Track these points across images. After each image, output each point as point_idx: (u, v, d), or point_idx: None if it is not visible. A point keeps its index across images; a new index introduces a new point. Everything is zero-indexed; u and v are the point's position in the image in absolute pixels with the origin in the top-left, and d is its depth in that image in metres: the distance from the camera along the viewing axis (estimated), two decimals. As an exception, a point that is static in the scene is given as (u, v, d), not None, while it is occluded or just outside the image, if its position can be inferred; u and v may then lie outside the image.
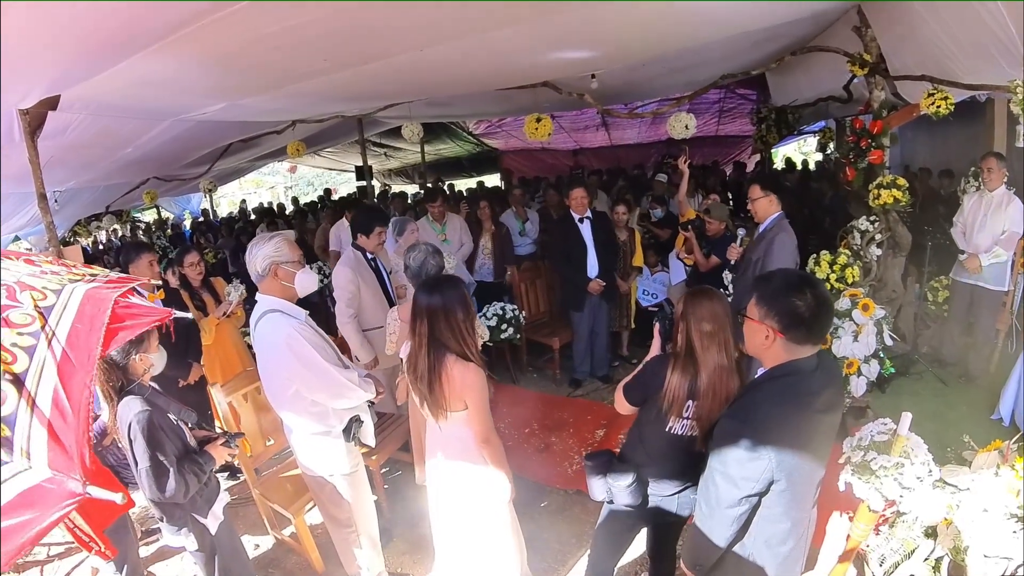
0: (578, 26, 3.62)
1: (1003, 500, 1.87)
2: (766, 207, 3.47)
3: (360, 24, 3.06)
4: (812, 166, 10.69)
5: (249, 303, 3.05)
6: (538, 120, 5.35)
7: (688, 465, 2.04)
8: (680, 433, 2.04)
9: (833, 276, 3.89)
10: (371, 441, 2.81)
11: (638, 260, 5.49)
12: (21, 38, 2.48)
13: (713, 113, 10.24)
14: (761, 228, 3.52)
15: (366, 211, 4.17)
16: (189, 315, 1.74)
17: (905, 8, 3.56)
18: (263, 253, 2.43)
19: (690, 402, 2.00)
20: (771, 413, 1.58)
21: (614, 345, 5.60)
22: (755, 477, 1.55)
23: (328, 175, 21.96)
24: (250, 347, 3.47)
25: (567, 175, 12.07)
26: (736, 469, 1.56)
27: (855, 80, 4.56)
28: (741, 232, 3.83)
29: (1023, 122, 2.89)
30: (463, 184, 13.93)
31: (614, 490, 2.13)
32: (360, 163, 8.74)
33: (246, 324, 4.26)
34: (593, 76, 5.11)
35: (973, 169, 4.58)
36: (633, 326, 5.69)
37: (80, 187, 6.84)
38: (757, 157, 9.90)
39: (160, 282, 3.84)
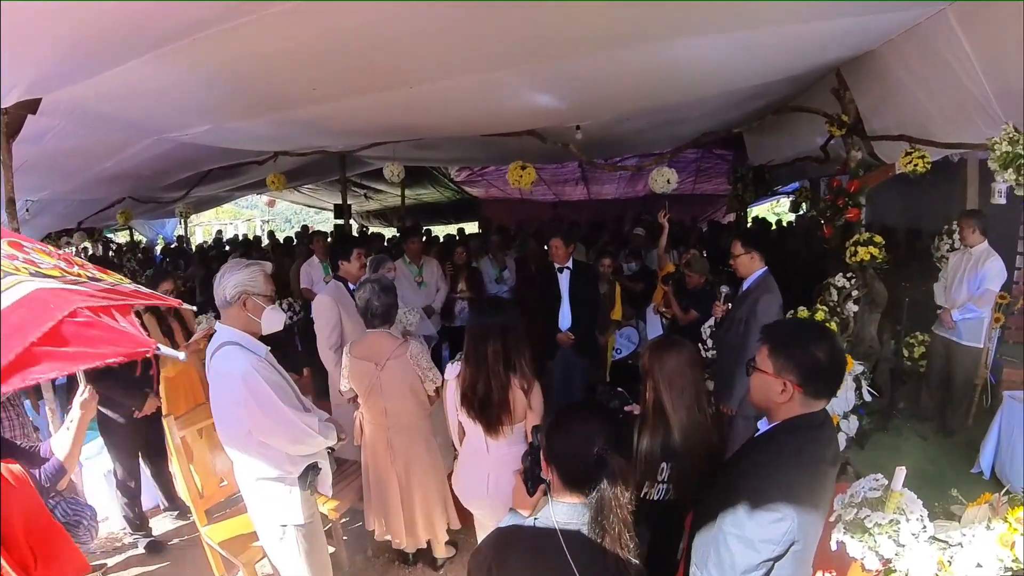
0: (568, 73, 3.67)
1: (997, 554, 1.81)
2: (748, 264, 3.44)
3: (353, 51, 3.06)
4: (786, 226, 10.99)
5: None
6: (523, 168, 5.39)
7: (666, 534, 1.88)
8: (657, 499, 1.90)
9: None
10: (328, 491, 2.66)
11: (617, 313, 5.45)
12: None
13: (690, 172, 10.54)
14: (745, 285, 3.48)
15: (341, 238, 4.14)
16: (181, 354, 1.44)
17: (883, 70, 3.71)
18: (236, 280, 2.30)
19: (664, 464, 1.87)
20: (791, 470, 1.48)
21: (589, 400, 5.48)
22: (777, 539, 1.41)
23: (306, 213, 21.88)
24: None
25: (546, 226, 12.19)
26: (756, 531, 1.42)
27: (832, 141, 4.71)
28: (724, 289, 3.80)
29: (998, 179, 2.97)
30: (443, 231, 13.95)
31: None
32: (339, 201, 8.71)
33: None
34: (578, 128, 5.20)
35: (947, 227, 4.71)
36: (608, 380, 5.59)
37: (54, 198, 6.61)
38: (732, 216, 10.16)
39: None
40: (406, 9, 2.59)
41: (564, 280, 4.79)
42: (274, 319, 2.36)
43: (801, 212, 9.72)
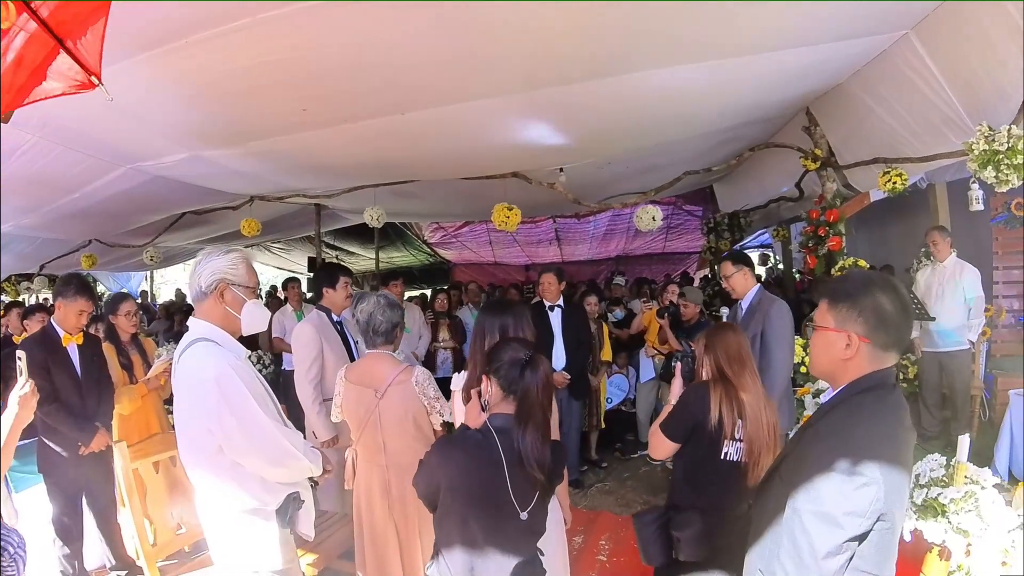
0: (554, 103, 3.71)
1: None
2: (742, 282, 3.40)
3: (348, 68, 3.01)
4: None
5: None
6: (509, 209, 5.36)
7: (746, 500, 1.87)
8: (736, 459, 1.97)
9: (808, 359, 3.87)
10: (310, 531, 2.23)
11: (607, 354, 5.31)
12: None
13: (661, 229, 10.77)
14: (746, 303, 3.41)
15: (327, 265, 3.95)
16: None
17: (852, 102, 3.87)
18: (214, 266, 2.00)
19: (740, 421, 1.96)
20: (873, 429, 1.30)
21: (583, 447, 5.23)
22: (863, 510, 1.22)
23: (277, 281, 21.37)
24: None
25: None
26: (838, 503, 1.23)
27: (805, 176, 4.86)
28: (725, 311, 3.76)
29: (974, 186, 3.03)
30: (415, 294, 13.83)
31: (682, 543, 1.92)
32: (310, 263, 8.59)
33: (169, 400, 3.67)
34: (561, 170, 5.26)
35: (924, 250, 4.87)
36: (604, 426, 5.37)
37: (16, 234, 6.14)
38: (704, 272, 10.35)
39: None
40: (402, 22, 2.56)
41: (556, 318, 4.68)
42: (256, 315, 2.08)
43: (769, 265, 10.04)
